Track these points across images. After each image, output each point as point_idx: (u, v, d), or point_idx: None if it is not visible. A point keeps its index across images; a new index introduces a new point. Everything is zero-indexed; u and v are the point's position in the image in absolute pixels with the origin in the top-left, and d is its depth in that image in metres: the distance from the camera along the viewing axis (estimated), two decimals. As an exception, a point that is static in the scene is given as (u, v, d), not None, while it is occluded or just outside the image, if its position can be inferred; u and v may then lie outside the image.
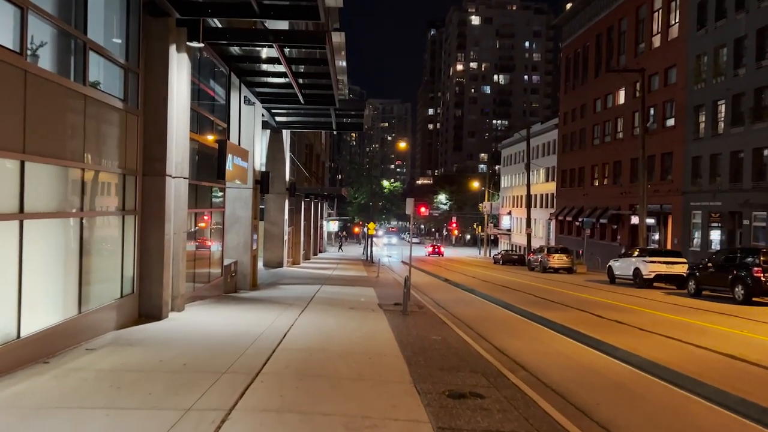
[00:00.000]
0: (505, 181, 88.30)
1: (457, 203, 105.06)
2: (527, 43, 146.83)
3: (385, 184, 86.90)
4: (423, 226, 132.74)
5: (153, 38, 11.41)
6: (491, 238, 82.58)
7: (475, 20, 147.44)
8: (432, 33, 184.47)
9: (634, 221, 43.08)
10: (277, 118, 27.40)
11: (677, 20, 40.41)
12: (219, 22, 13.82)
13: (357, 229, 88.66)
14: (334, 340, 10.30)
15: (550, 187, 66.30)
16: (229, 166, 15.35)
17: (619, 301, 19.96)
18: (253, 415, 5.95)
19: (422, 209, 30.73)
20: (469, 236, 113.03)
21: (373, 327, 12.17)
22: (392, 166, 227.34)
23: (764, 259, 18.77)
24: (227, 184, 18.84)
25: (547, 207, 67.73)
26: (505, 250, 64.20)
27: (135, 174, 11.06)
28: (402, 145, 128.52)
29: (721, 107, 34.78)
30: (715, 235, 35.07)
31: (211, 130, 16.49)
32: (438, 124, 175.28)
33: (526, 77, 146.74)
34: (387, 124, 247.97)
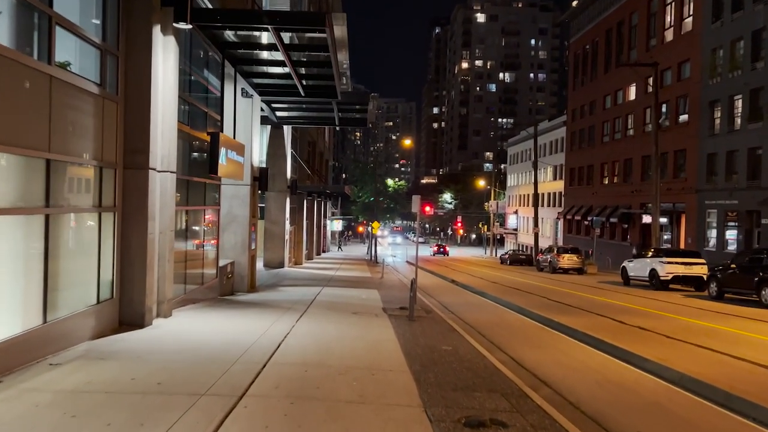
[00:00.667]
0: (512, 180, 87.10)
1: (462, 202, 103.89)
2: (533, 41, 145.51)
3: (389, 182, 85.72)
4: (428, 225, 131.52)
5: (134, 17, 10.35)
6: (497, 237, 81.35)
7: (481, 18, 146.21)
8: (437, 31, 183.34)
9: (645, 220, 41.91)
10: (278, 113, 26.35)
11: (691, 13, 39.21)
12: (209, 3, 12.78)
13: (361, 229, 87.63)
14: (333, 352, 9.23)
15: (558, 186, 65.09)
16: (223, 161, 14.29)
17: (637, 305, 18.85)
18: (231, 454, 4.89)
19: (427, 208, 29.71)
20: (474, 236, 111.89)
21: (377, 335, 11.10)
22: (396, 165, 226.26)
23: (794, 260, 17.64)
24: (222, 180, 17.84)
25: (554, 206, 66.53)
26: (513, 250, 63.01)
27: (114, 167, 10.01)
28: (407, 142, 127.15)
29: (738, 102, 33.59)
30: (732, 235, 33.88)
31: (204, 123, 15.45)
32: (443, 122, 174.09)
33: (531, 75, 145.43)
34: (391, 123, 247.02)
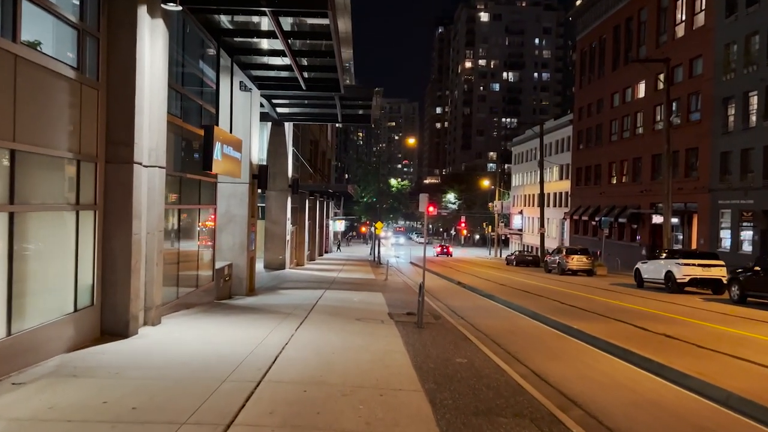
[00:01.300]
0: (516, 180, 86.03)
1: (466, 202, 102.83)
2: (537, 40, 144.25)
3: (393, 182, 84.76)
4: (431, 225, 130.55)
5: (118, -4, 9.42)
6: (502, 238, 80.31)
7: (484, 17, 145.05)
8: (440, 30, 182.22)
9: (655, 220, 40.83)
10: (279, 110, 25.44)
11: (703, 8, 38.14)
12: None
13: (364, 229, 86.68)
14: (335, 367, 8.27)
15: (564, 186, 64.04)
16: (218, 156, 13.34)
17: (656, 309, 17.84)
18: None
19: (430, 208, 28.85)
20: (478, 236, 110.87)
21: (383, 345, 10.14)
22: (399, 165, 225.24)
23: (824, 262, 16.64)
24: (220, 178, 16.91)
25: (560, 206, 65.48)
26: (519, 251, 61.98)
27: (94, 160, 9.08)
28: (411, 141, 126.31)
29: (753, 99, 32.52)
30: (747, 235, 32.82)
31: (199, 118, 14.53)
32: (446, 122, 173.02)
33: (535, 74, 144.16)
34: (394, 124, 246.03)
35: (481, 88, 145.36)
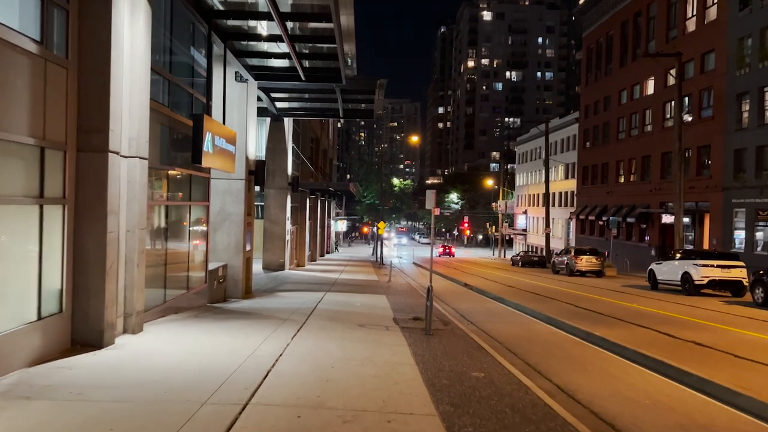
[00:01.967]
0: (520, 179, 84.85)
1: (469, 202, 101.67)
2: (540, 39, 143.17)
3: (395, 182, 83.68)
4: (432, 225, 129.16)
5: (90, -36, 8.38)
6: (506, 238, 79.15)
7: (487, 16, 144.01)
8: (442, 30, 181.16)
9: (665, 220, 39.77)
10: (278, 104, 24.43)
11: (715, 1, 37.04)
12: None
13: (366, 229, 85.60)
14: (335, 384, 7.21)
15: (570, 185, 62.92)
16: (208, 148, 12.30)
17: (677, 313, 16.76)
18: None
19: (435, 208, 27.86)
20: (481, 236, 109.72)
21: (389, 357, 9.08)
22: (401, 166, 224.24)
23: None
24: (214, 174, 15.88)
25: (565, 206, 64.36)
26: (524, 251, 60.83)
27: (63, 148, 8.03)
28: (414, 138, 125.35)
29: (769, 94, 31.44)
30: (763, 236, 31.70)
31: (190, 107, 13.50)
32: (448, 122, 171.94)
33: (538, 74, 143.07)
34: (396, 124, 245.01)
35: (484, 87, 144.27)
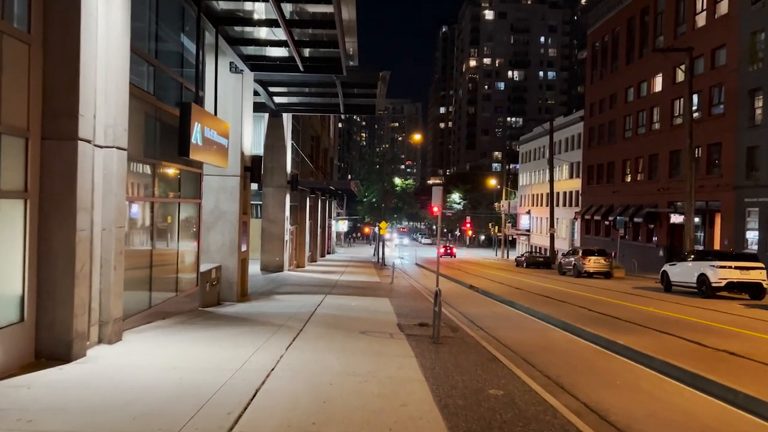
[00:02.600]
0: (523, 179, 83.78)
1: (471, 203, 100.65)
2: (542, 39, 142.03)
3: (397, 182, 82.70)
4: (435, 226, 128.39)
5: (58, -73, 7.42)
6: (509, 238, 78.14)
7: (489, 15, 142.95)
8: (443, 30, 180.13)
9: (674, 220, 38.76)
10: (276, 99, 23.48)
11: (726, -5, 36.06)
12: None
13: (367, 230, 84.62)
14: (334, 406, 6.23)
15: (574, 185, 61.88)
16: (197, 140, 11.33)
17: (698, 318, 15.77)
18: None
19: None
20: (483, 237, 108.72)
21: (395, 370, 8.10)
22: (402, 166, 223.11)
23: None
24: (208, 170, 14.93)
25: (570, 205, 63.31)
26: (529, 252, 59.84)
27: (24, 134, 7.06)
28: (416, 137, 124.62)
29: (784, 90, 30.43)
30: (777, 236, 30.70)
31: (179, 97, 12.56)
32: (450, 122, 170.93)
33: (541, 73, 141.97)
34: (397, 124, 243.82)
35: (486, 87, 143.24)
